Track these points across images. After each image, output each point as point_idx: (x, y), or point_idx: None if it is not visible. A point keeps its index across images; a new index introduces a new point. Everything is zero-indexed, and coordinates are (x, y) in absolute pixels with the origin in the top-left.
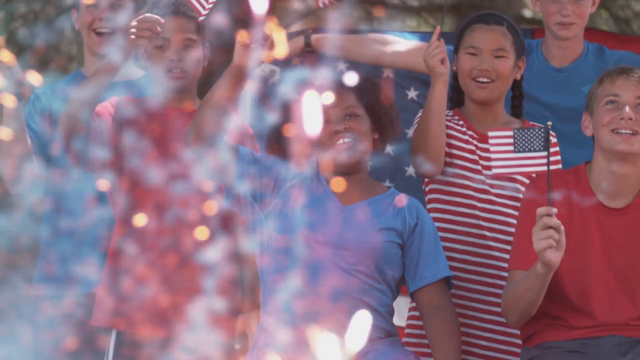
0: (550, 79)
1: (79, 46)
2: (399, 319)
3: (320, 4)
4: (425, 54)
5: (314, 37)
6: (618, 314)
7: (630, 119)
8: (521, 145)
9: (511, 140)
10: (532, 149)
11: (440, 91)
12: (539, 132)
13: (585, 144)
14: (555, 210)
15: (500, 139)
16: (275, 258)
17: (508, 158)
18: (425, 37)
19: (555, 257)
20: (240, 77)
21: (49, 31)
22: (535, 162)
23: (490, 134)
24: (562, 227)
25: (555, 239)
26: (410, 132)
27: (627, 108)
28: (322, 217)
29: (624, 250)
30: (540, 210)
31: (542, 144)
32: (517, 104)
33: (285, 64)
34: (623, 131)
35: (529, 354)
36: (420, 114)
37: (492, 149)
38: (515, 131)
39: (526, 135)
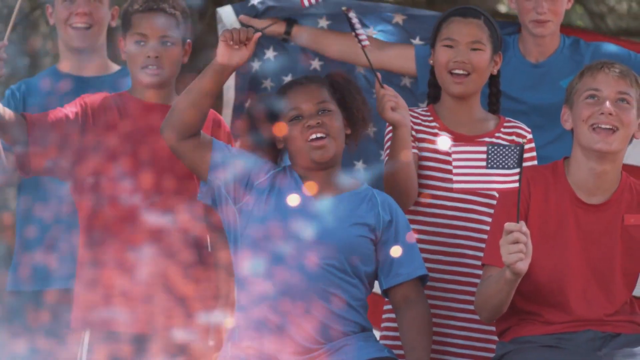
0: (527, 74)
1: (54, 41)
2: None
3: (306, 3)
4: (377, 104)
5: (295, 27)
6: (593, 310)
7: (610, 113)
8: (494, 162)
9: (484, 156)
10: (505, 166)
11: (403, 138)
12: (514, 150)
13: (563, 139)
14: (526, 229)
15: (469, 154)
16: (248, 252)
17: (478, 174)
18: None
19: (524, 266)
20: (221, 74)
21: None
22: (506, 179)
23: (454, 149)
24: (529, 234)
25: (524, 252)
26: (376, 132)
27: (607, 103)
28: (295, 211)
29: (601, 246)
30: (511, 226)
31: (515, 161)
32: (494, 100)
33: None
34: (603, 126)
35: (504, 348)
36: (388, 144)
37: (455, 163)
38: (489, 147)
39: (500, 152)
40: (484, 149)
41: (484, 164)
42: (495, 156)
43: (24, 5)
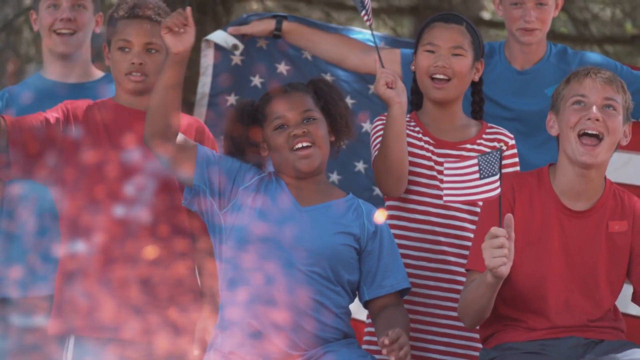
0: (513, 81)
1: (37, 47)
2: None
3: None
4: (375, 85)
5: (285, 24)
6: (576, 316)
7: (597, 119)
8: (486, 171)
9: (476, 169)
10: (493, 173)
11: (395, 116)
12: (496, 155)
13: (547, 146)
14: (512, 234)
15: (462, 169)
16: (232, 259)
17: (470, 186)
18: (387, 39)
19: (506, 270)
20: (180, 64)
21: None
22: (490, 187)
23: (446, 165)
24: (513, 238)
25: (508, 256)
26: (367, 169)
27: (594, 108)
28: (280, 218)
29: (585, 252)
30: (498, 231)
31: (497, 167)
32: (477, 109)
33: (250, 41)
34: (590, 132)
35: (487, 355)
36: (377, 141)
37: (447, 179)
38: (479, 158)
39: (488, 160)
40: (475, 161)
41: (477, 176)
42: (485, 165)
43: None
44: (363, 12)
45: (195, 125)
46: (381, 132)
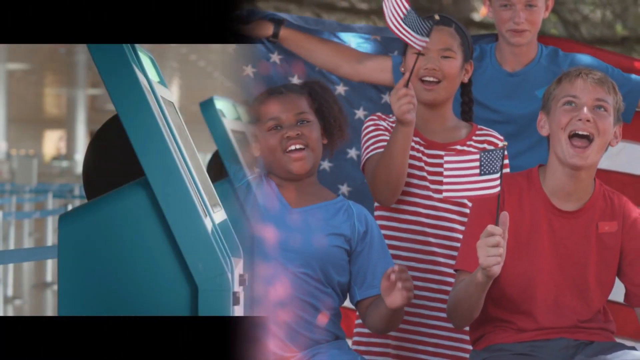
0: (504, 83)
1: None
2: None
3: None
4: (392, 98)
5: (283, 31)
6: (566, 317)
7: (587, 120)
8: (486, 168)
9: (477, 164)
10: (493, 171)
11: (406, 134)
12: (499, 153)
13: (535, 149)
14: (506, 234)
15: (463, 164)
16: None
17: (470, 182)
18: (378, 29)
19: (499, 269)
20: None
21: None
22: (490, 185)
23: (446, 159)
24: (507, 238)
25: (502, 256)
26: (359, 156)
27: (585, 109)
28: (270, 219)
29: (575, 252)
30: (495, 229)
31: (499, 165)
32: (466, 109)
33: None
34: (580, 132)
35: (477, 356)
36: (369, 142)
37: (447, 173)
38: (481, 154)
39: (490, 157)
40: (477, 157)
41: (477, 171)
42: (486, 162)
43: None
44: (422, 39)
45: None
46: (374, 134)
